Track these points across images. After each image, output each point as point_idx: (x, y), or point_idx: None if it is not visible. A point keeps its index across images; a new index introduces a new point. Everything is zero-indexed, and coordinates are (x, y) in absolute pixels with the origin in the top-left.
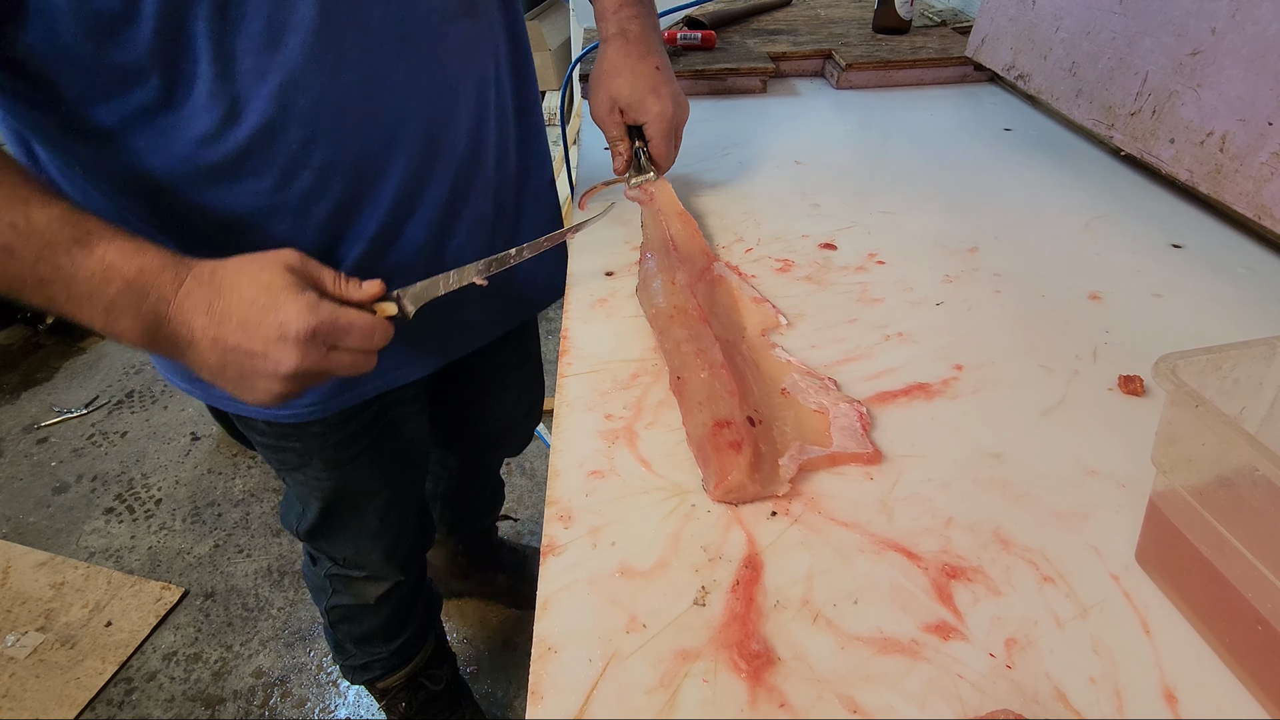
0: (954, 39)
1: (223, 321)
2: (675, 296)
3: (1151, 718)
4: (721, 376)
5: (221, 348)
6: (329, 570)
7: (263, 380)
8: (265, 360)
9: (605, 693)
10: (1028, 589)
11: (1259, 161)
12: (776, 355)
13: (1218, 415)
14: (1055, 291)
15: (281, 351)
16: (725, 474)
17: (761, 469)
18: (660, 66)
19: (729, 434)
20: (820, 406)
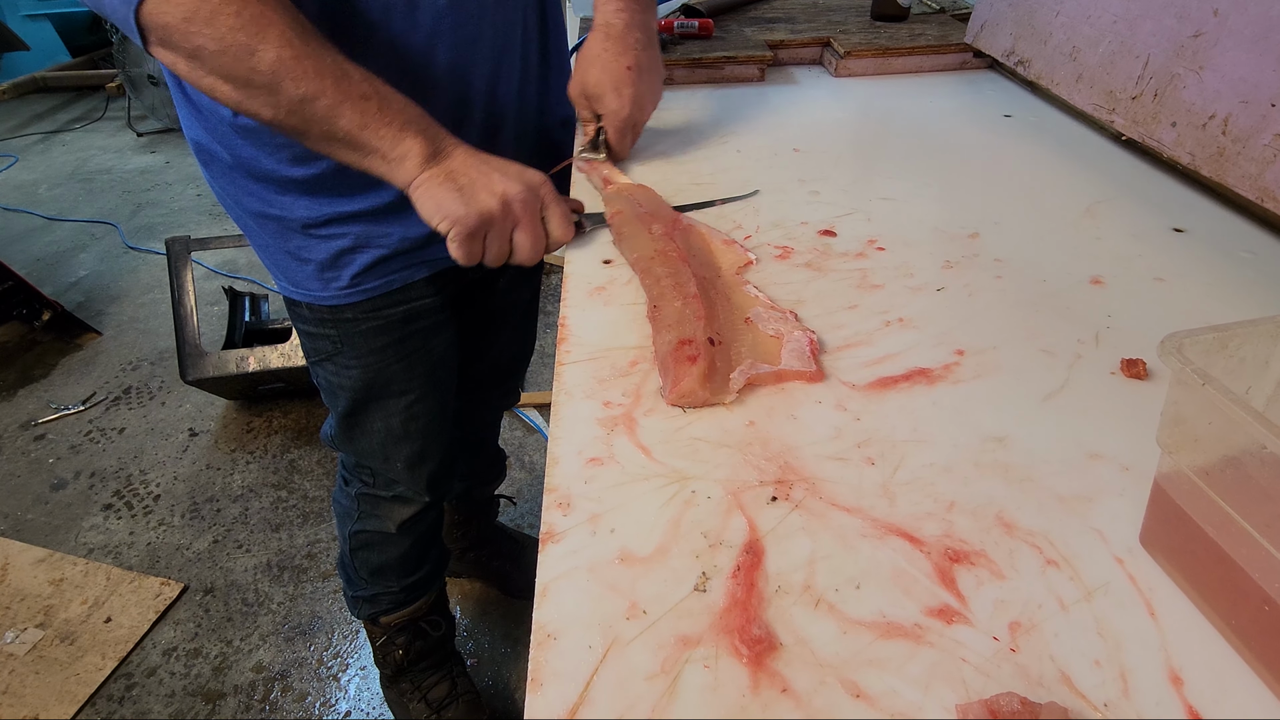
0: (953, 26)
1: (479, 154)
2: (656, 242)
3: (1157, 700)
4: (693, 304)
5: (474, 161)
6: (359, 490)
7: (484, 192)
8: (499, 178)
9: (605, 679)
10: (1031, 572)
11: (1261, 144)
12: (747, 291)
13: (1225, 393)
14: (1056, 276)
15: (511, 180)
16: (679, 381)
17: (713, 380)
18: (632, 66)
19: (689, 350)
20: (777, 333)
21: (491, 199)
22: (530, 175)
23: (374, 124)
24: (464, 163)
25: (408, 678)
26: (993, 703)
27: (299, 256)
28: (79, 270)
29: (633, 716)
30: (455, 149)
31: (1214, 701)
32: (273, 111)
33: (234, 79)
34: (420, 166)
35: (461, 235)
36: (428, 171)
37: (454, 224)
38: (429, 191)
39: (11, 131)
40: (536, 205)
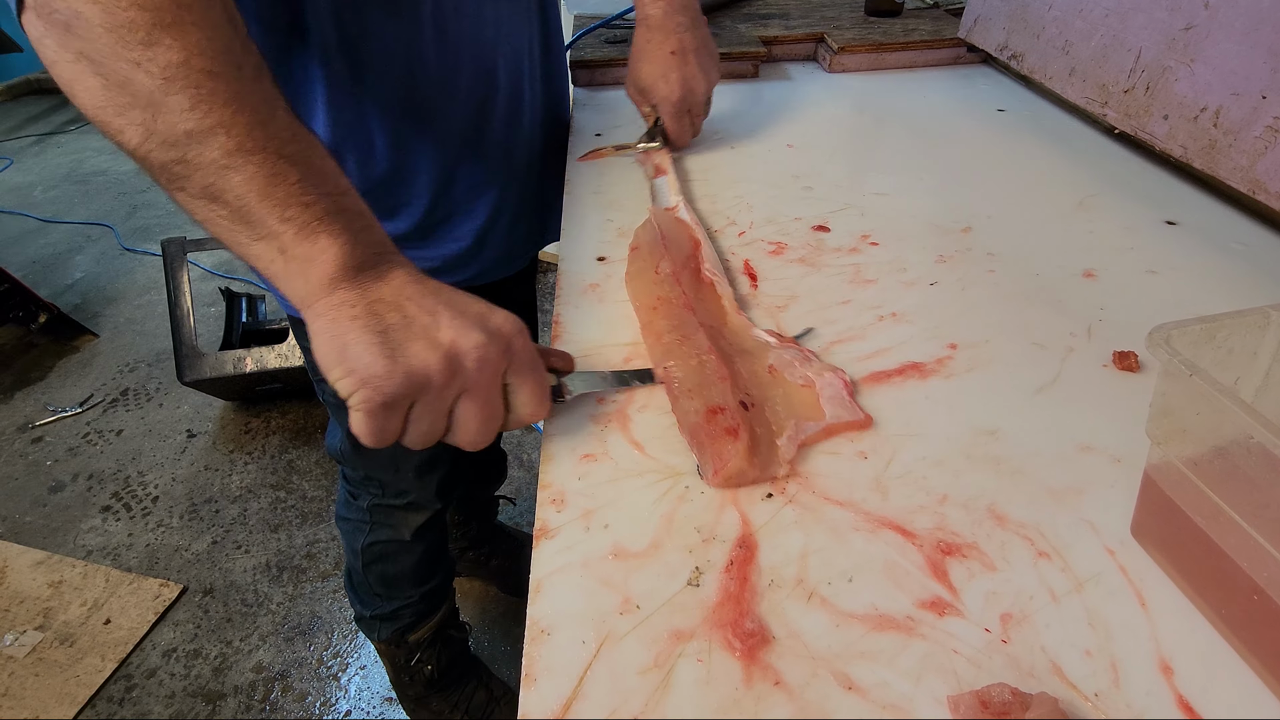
0: (946, 21)
1: (428, 282)
2: (659, 287)
3: (1147, 689)
4: (711, 362)
5: (417, 291)
6: (371, 502)
7: (420, 342)
8: (449, 321)
9: (599, 674)
10: (1023, 564)
11: (1253, 135)
12: (756, 335)
13: (1212, 384)
14: (1049, 270)
15: (467, 326)
16: (723, 461)
17: (759, 452)
18: (676, 50)
19: (724, 420)
20: (806, 380)
21: (430, 353)
22: (500, 319)
23: (283, 196)
24: (400, 290)
25: (440, 693)
26: (984, 694)
27: None
28: (75, 272)
29: (626, 710)
30: (394, 269)
31: (1203, 690)
32: (142, 137)
33: (106, 74)
34: (331, 282)
35: (374, 405)
36: (340, 293)
37: (363, 385)
38: (334, 326)
39: (6, 134)
40: (499, 366)
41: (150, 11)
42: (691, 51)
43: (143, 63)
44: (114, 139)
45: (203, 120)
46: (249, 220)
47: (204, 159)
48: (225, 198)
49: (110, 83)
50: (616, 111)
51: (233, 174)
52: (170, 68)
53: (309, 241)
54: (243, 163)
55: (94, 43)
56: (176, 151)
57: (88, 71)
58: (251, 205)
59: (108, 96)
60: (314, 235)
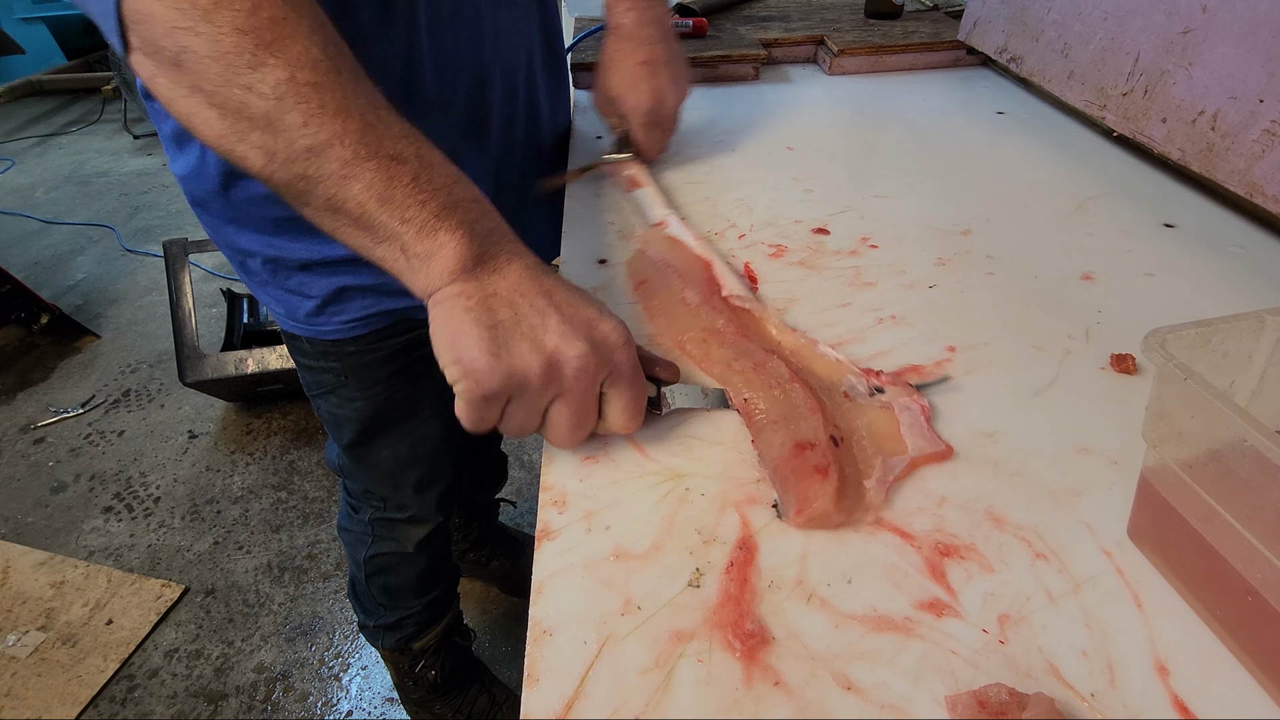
0: (946, 23)
1: (545, 275)
2: (698, 318)
3: (1143, 689)
4: (796, 392)
5: (532, 287)
6: (372, 515)
7: (526, 343)
8: (557, 325)
9: (600, 674)
10: (1020, 566)
11: (1250, 139)
12: (824, 353)
13: (1206, 388)
14: (1048, 272)
15: (573, 334)
16: (808, 502)
17: (846, 495)
18: (646, 60)
19: (813, 457)
20: (884, 403)
21: (533, 356)
22: (607, 329)
23: (400, 199)
24: (515, 285)
25: (443, 698)
26: (981, 694)
27: (299, 292)
28: (77, 273)
29: (628, 709)
30: (511, 261)
31: (1199, 690)
32: (265, 159)
33: (222, 103)
34: (450, 274)
35: (474, 396)
36: (458, 285)
37: (467, 376)
38: (449, 316)
39: (7, 135)
40: (598, 376)
41: (250, 34)
42: (663, 63)
43: (253, 86)
44: (240, 165)
45: (317, 134)
46: (371, 226)
47: (324, 172)
48: (347, 207)
49: (226, 111)
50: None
51: (352, 183)
52: (279, 86)
53: (429, 239)
54: (359, 170)
55: (204, 74)
56: (298, 168)
57: (203, 104)
58: (371, 212)
59: (226, 125)
60: (432, 233)
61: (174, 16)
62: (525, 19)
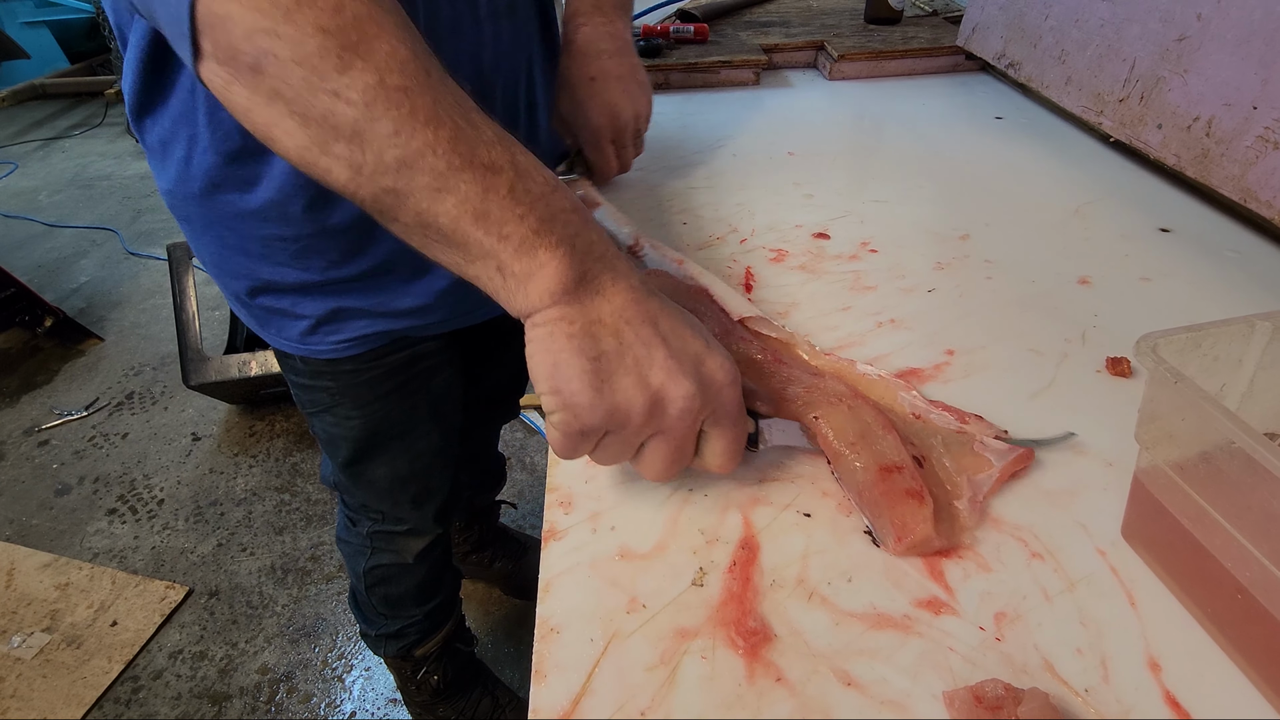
0: (945, 28)
1: (651, 297)
2: (732, 350)
3: (1136, 685)
4: (865, 410)
5: (639, 313)
6: (371, 529)
7: (631, 378)
8: (663, 360)
9: (607, 671)
10: (1017, 565)
11: (1244, 145)
12: (863, 372)
13: (1195, 391)
14: (1045, 277)
15: (682, 371)
16: (908, 530)
17: (943, 518)
18: (595, 76)
19: (902, 480)
20: (958, 426)
21: (637, 393)
22: (714, 366)
23: (497, 213)
24: (620, 311)
25: (446, 701)
26: (978, 689)
27: (292, 313)
28: (80, 276)
29: (634, 705)
30: (615, 282)
31: (1190, 687)
32: (351, 173)
33: (305, 110)
34: (550, 296)
35: (571, 430)
36: (559, 308)
37: (565, 409)
38: (550, 342)
39: (11, 139)
40: (701, 416)
41: (335, 34)
42: (614, 78)
43: (341, 91)
44: (323, 179)
45: (409, 144)
46: (464, 243)
47: (414, 185)
48: (439, 223)
49: (310, 119)
50: None
51: (445, 197)
52: (368, 91)
53: (527, 257)
54: (454, 183)
55: (287, 79)
56: (387, 181)
57: (284, 113)
58: (465, 228)
59: (310, 135)
60: (531, 251)
61: (254, 18)
62: (525, 27)
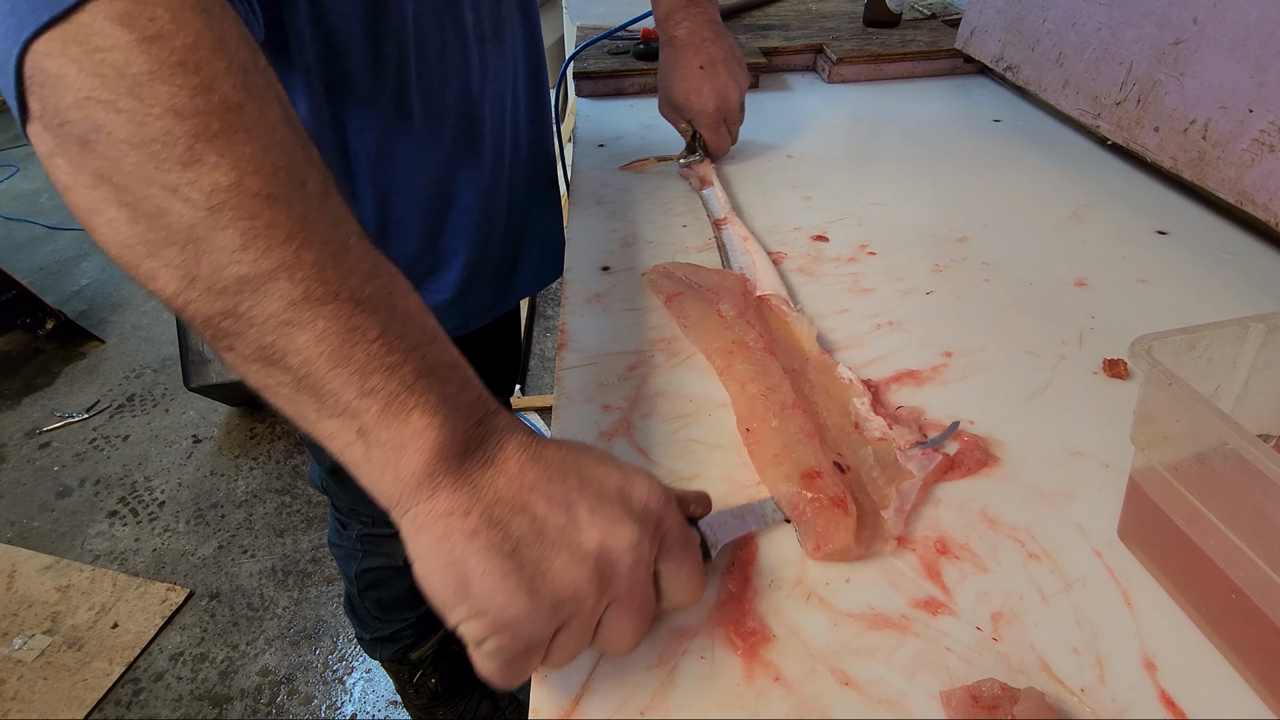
0: (944, 31)
1: (546, 457)
2: (730, 330)
3: (1131, 684)
4: (795, 418)
5: (542, 477)
6: (361, 532)
7: (563, 557)
8: (588, 514)
9: (606, 671)
10: (1014, 565)
11: (1240, 148)
12: (840, 375)
13: (1189, 393)
14: (1043, 279)
15: (615, 517)
16: (828, 538)
17: (865, 526)
18: (705, 64)
19: (824, 486)
20: (883, 434)
21: (577, 570)
22: (643, 492)
23: (362, 360)
24: (520, 480)
25: (445, 704)
26: (974, 689)
27: None
28: (81, 279)
29: (633, 705)
30: (504, 444)
31: (1185, 686)
32: (181, 283)
33: (134, 203)
34: (428, 476)
35: (515, 653)
36: (445, 496)
37: (499, 631)
38: (445, 547)
39: (12, 141)
40: (652, 557)
41: (190, 119)
42: (720, 62)
43: (180, 188)
44: (145, 285)
45: (259, 262)
46: (318, 392)
47: (260, 311)
48: (287, 361)
49: (138, 214)
50: (618, 122)
51: (298, 331)
52: (217, 193)
53: (398, 421)
54: (311, 316)
55: (118, 163)
56: (225, 302)
57: (109, 200)
58: (321, 374)
59: (136, 231)
60: (403, 413)
61: (90, 84)
62: (511, 50)
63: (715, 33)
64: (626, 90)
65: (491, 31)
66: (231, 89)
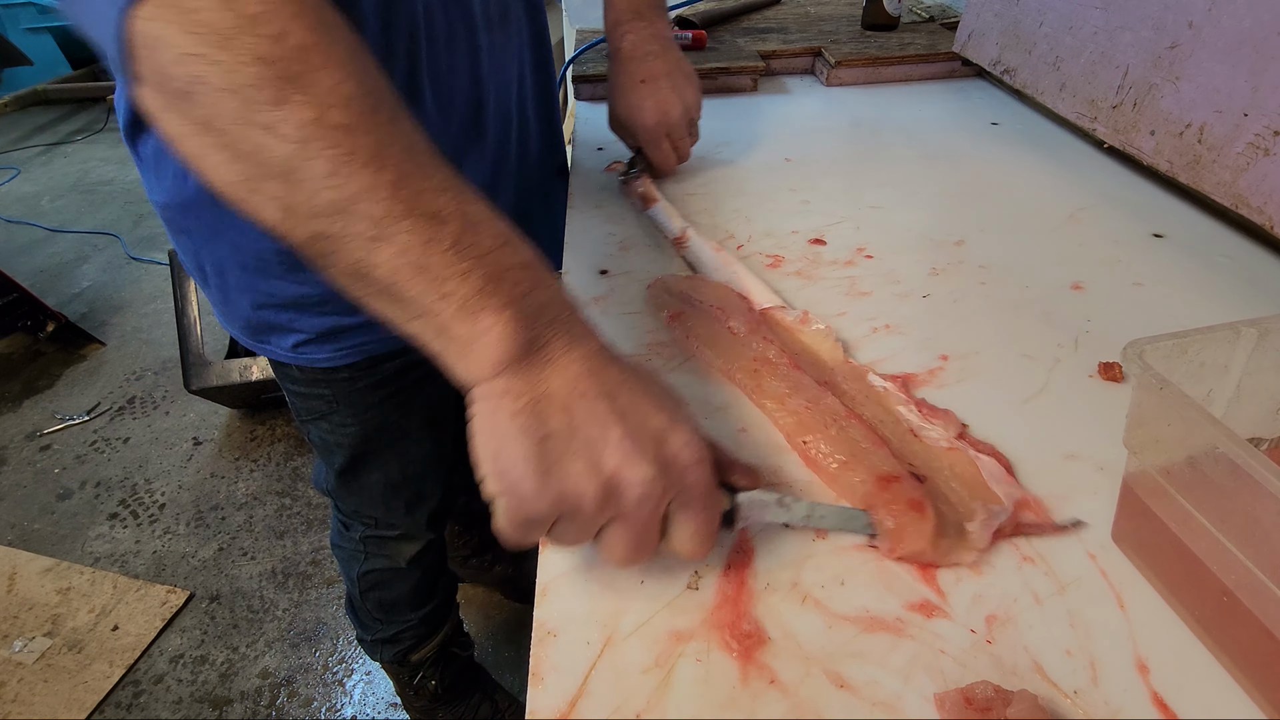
0: (941, 35)
1: (607, 365)
2: (747, 348)
3: (1124, 686)
4: (854, 427)
5: (592, 385)
6: (363, 534)
7: (581, 462)
8: (618, 439)
9: (603, 673)
10: (1008, 568)
11: (1235, 152)
12: (872, 382)
13: (1180, 397)
14: (1039, 282)
15: (640, 451)
16: (903, 538)
17: (946, 534)
18: (646, 78)
19: (903, 490)
20: (951, 444)
21: (587, 479)
22: (678, 445)
23: (438, 268)
24: (573, 384)
25: (446, 705)
26: (968, 691)
27: (290, 328)
28: (82, 281)
29: (629, 707)
30: (569, 349)
31: (1177, 687)
32: (281, 213)
33: (235, 144)
34: (495, 366)
35: (517, 518)
36: (504, 380)
37: (508, 495)
38: (493, 420)
39: (13, 144)
40: (664, 500)
41: (274, 64)
42: (663, 76)
43: (274, 126)
44: (253, 218)
45: (344, 187)
46: (402, 299)
47: (350, 231)
48: (376, 274)
49: (239, 154)
50: None
51: (382, 247)
52: (304, 127)
53: (470, 321)
54: (392, 232)
55: (218, 108)
56: (319, 225)
57: (214, 144)
58: (404, 283)
59: (238, 170)
60: (474, 314)
61: (187, 41)
62: (516, 36)
63: (661, 46)
64: None
65: (498, 18)
66: (303, 31)
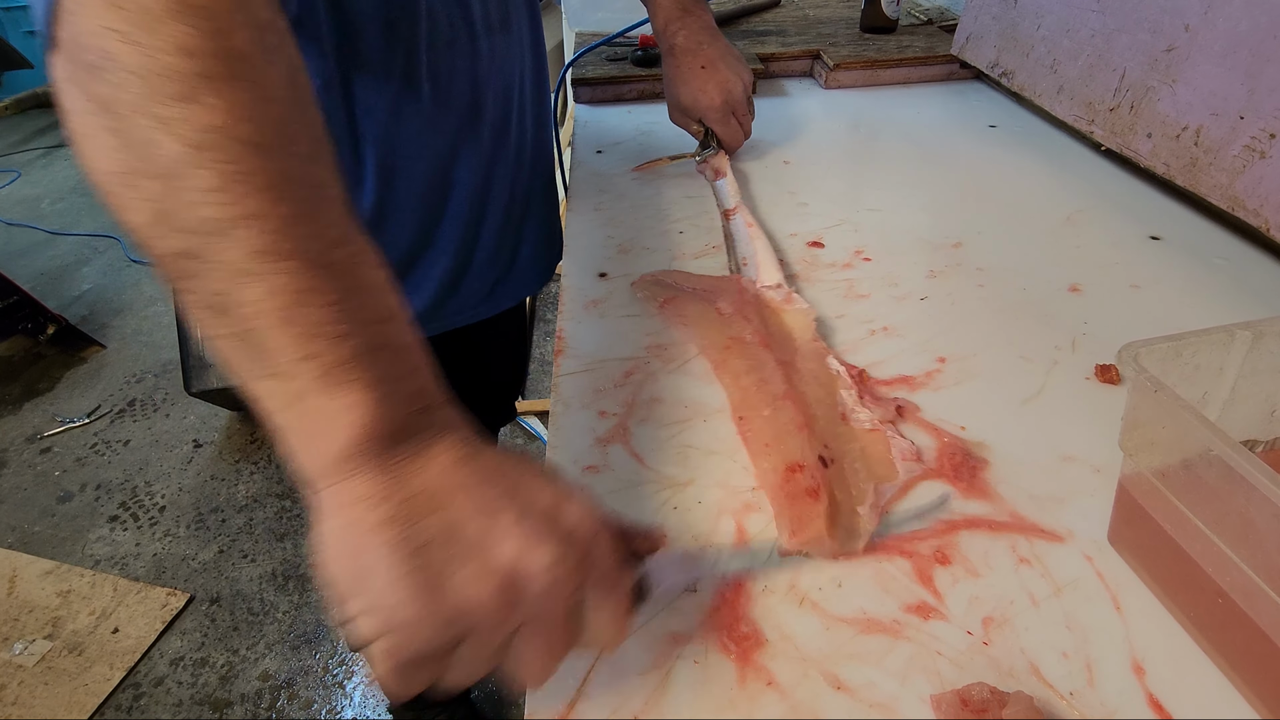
0: (940, 37)
1: (480, 460)
2: (728, 327)
3: (1120, 688)
4: (786, 409)
5: (473, 477)
6: None
7: (471, 567)
8: (510, 526)
9: (601, 675)
10: (1005, 570)
11: (1231, 154)
12: (829, 365)
13: (1175, 399)
14: (1036, 284)
15: (540, 534)
16: (801, 525)
17: (840, 521)
18: (705, 64)
19: (803, 479)
20: (874, 426)
21: (482, 583)
22: (576, 515)
23: (308, 323)
24: (448, 477)
25: (441, 705)
26: (964, 692)
27: None
28: (82, 284)
29: (627, 709)
30: (441, 438)
31: (1173, 689)
32: (149, 216)
33: (127, 129)
34: (349, 457)
35: (405, 657)
36: (363, 480)
37: (388, 630)
38: (349, 536)
39: (13, 146)
40: (574, 585)
41: (196, 59)
42: (719, 60)
43: (171, 122)
44: (119, 216)
45: (229, 206)
46: (259, 349)
47: (221, 257)
48: (237, 311)
49: (128, 141)
50: (616, 128)
51: (253, 283)
52: (205, 132)
53: (330, 392)
54: (269, 270)
55: (121, 89)
56: (188, 241)
57: (105, 126)
58: (266, 329)
59: (120, 159)
60: (338, 384)
61: (110, 16)
62: (517, 42)
63: (711, 36)
64: (624, 96)
65: (499, 23)
66: (243, 41)
